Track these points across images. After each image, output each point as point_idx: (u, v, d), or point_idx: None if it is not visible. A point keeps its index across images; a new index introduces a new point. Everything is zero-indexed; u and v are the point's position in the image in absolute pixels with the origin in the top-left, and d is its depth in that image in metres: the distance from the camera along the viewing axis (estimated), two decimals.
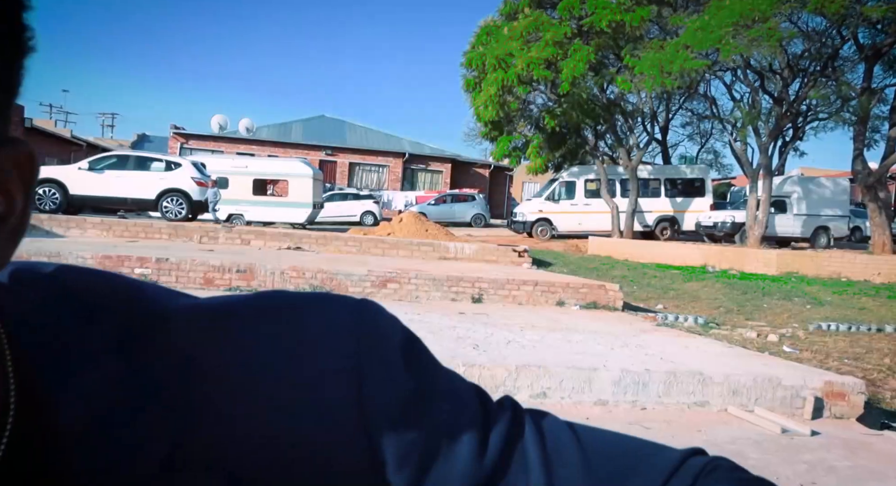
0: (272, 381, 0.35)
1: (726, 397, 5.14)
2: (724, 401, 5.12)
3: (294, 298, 0.39)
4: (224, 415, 0.34)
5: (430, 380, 0.39)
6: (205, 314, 0.37)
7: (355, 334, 0.37)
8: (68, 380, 0.33)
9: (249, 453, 0.34)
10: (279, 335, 0.37)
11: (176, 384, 0.35)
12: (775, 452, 4.12)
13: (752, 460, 3.90)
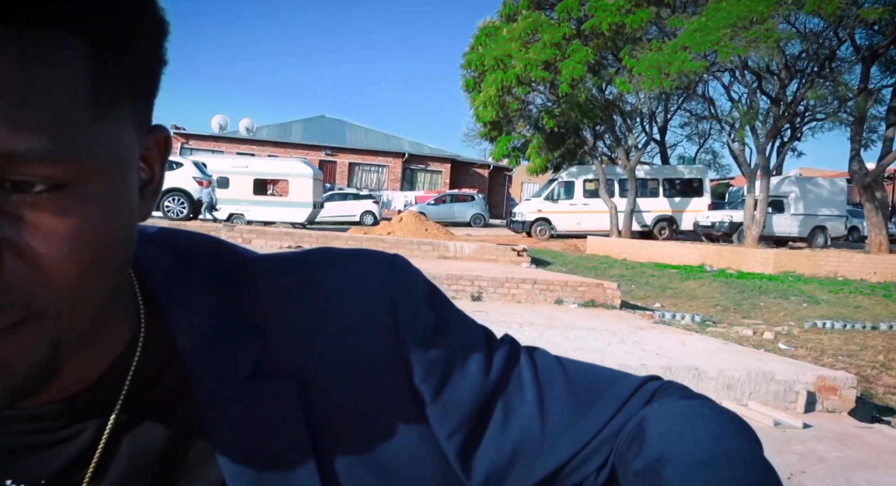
0: (329, 311, 0.46)
1: (721, 391, 5.25)
2: (719, 395, 5.23)
3: (343, 251, 0.50)
4: (293, 335, 0.45)
5: (447, 316, 0.49)
6: (276, 262, 0.48)
7: (390, 277, 0.48)
8: (179, 309, 0.44)
9: (313, 363, 0.44)
10: (333, 277, 0.48)
11: (256, 313, 0.45)
12: (767, 443, 4.20)
13: None
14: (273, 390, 0.43)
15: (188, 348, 0.43)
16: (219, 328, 0.44)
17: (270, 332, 0.45)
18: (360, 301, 0.46)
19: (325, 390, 0.44)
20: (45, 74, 0.30)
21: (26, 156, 0.30)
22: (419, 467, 0.45)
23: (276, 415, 0.42)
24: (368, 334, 0.46)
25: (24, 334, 0.32)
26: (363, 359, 0.45)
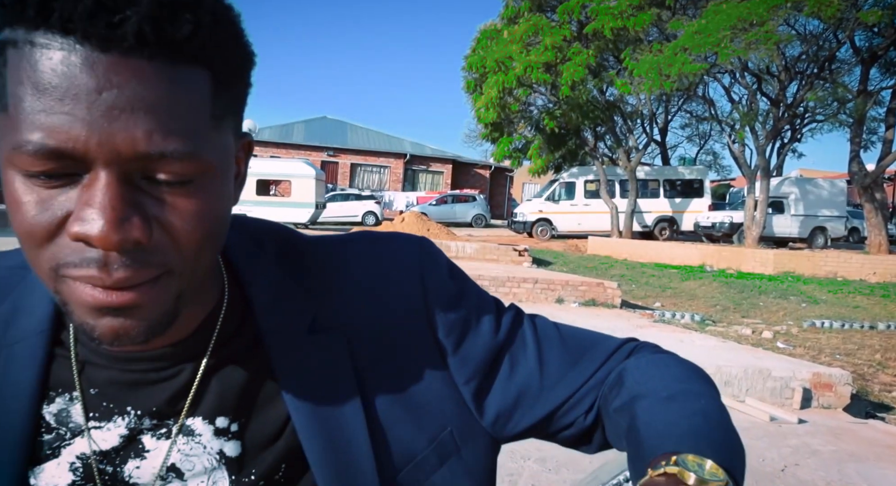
0: (370, 280, 0.58)
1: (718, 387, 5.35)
2: None
3: (379, 233, 0.61)
4: (342, 299, 0.56)
5: (464, 286, 0.61)
6: (326, 242, 0.59)
7: (419, 254, 0.60)
8: (254, 279, 0.55)
9: (358, 321, 0.56)
10: (373, 253, 0.60)
11: (312, 282, 0.57)
12: (763, 437, 4.32)
13: None
14: (326, 342, 0.54)
15: (261, 309, 0.54)
16: (283, 294, 0.55)
17: (323, 296, 0.56)
18: (395, 273, 0.58)
19: (368, 342, 0.55)
20: (185, 96, 0.41)
21: (172, 155, 0.40)
22: (441, 406, 0.56)
23: (329, 361, 0.54)
24: (402, 298, 0.57)
25: (160, 286, 0.43)
26: (397, 318, 0.56)
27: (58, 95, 0.38)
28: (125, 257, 0.41)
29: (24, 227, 0.41)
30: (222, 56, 0.43)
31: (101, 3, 0.38)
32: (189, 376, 0.52)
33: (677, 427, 0.47)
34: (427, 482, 0.54)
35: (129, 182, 0.41)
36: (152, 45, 0.39)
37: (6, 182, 0.42)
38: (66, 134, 0.39)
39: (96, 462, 0.51)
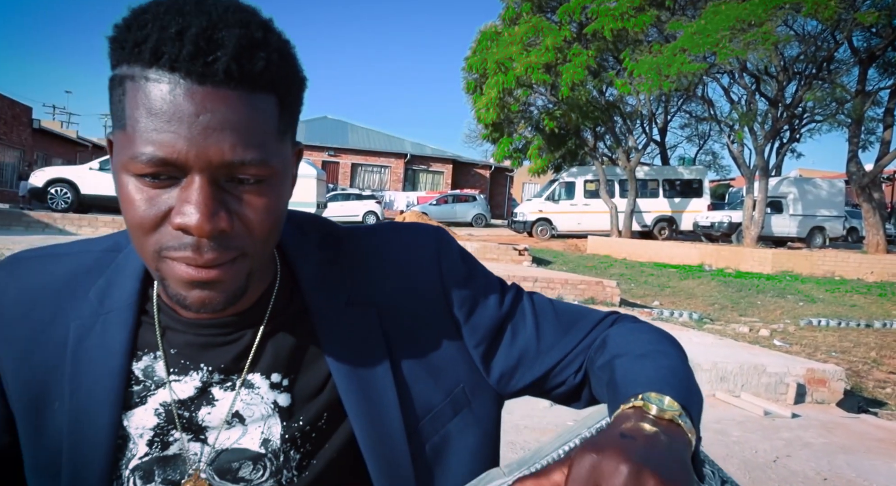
0: (395, 262, 0.69)
1: (714, 383, 5.46)
2: (713, 387, 5.44)
3: (403, 223, 0.73)
4: (372, 278, 0.68)
5: (473, 268, 0.72)
6: (357, 231, 0.71)
7: (436, 242, 0.71)
8: (300, 261, 0.67)
9: (386, 297, 0.67)
10: (397, 240, 0.71)
11: (347, 263, 0.68)
12: (756, 431, 4.43)
13: (734, 437, 4.22)
14: (361, 314, 0.66)
15: (306, 286, 0.66)
16: (324, 273, 0.67)
17: (357, 276, 0.68)
18: (416, 257, 0.69)
19: (395, 314, 0.67)
20: (260, 117, 0.53)
21: (249, 163, 0.52)
22: (455, 367, 0.68)
23: (363, 330, 0.65)
24: (422, 278, 0.69)
25: (237, 266, 0.55)
26: (419, 294, 0.68)
27: (166, 117, 0.50)
28: (213, 243, 0.53)
29: (136, 219, 0.52)
30: (285, 84, 0.55)
31: (198, 47, 0.49)
32: (250, 340, 0.64)
33: (646, 376, 0.58)
34: (443, 430, 0.66)
35: (216, 184, 0.52)
36: (236, 78, 0.51)
37: (121, 184, 0.53)
38: (172, 147, 0.50)
39: (176, 409, 0.63)
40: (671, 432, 0.49)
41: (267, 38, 0.52)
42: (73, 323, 0.63)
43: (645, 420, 0.50)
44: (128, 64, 0.51)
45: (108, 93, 0.55)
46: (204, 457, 0.63)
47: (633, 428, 0.49)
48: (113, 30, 0.53)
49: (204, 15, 0.50)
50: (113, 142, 0.56)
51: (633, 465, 0.43)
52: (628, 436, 0.47)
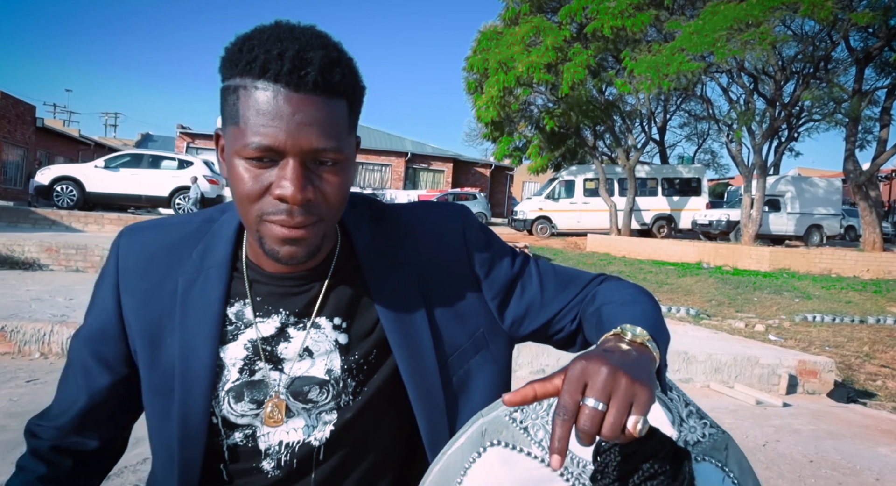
0: (430, 232, 0.86)
1: (709, 374, 5.63)
2: (707, 378, 5.62)
3: (435, 202, 0.90)
4: (411, 244, 0.85)
5: (491, 237, 0.89)
6: (400, 207, 0.88)
7: (461, 216, 0.88)
8: (355, 229, 0.84)
9: (422, 259, 0.85)
10: (431, 215, 0.89)
11: (391, 232, 0.85)
12: (748, 418, 4.61)
13: (726, 424, 4.39)
14: (402, 272, 0.83)
15: (360, 250, 0.83)
16: (374, 239, 0.84)
17: (400, 242, 0.85)
18: (445, 228, 0.87)
19: (429, 273, 0.84)
20: (336, 116, 0.70)
21: (329, 150, 0.70)
22: (476, 315, 0.86)
23: (404, 285, 0.83)
24: (451, 245, 0.86)
25: (316, 228, 0.72)
26: (448, 258, 0.86)
27: (270, 116, 0.67)
28: (301, 209, 0.70)
29: (244, 191, 0.70)
30: (353, 92, 0.72)
31: (294, 65, 0.67)
32: (317, 291, 0.81)
33: (625, 316, 0.75)
34: (466, 365, 0.83)
35: (304, 166, 0.70)
36: (321, 88, 0.68)
37: (232, 166, 0.71)
38: (274, 138, 0.68)
39: (260, 344, 0.80)
40: (641, 350, 0.67)
41: (340, 57, 0.70)
42: (181, 277, 0.81)
43: (622, 342, 0.67)
44: (240, 77, 0.69)
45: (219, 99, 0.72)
46: (281, 383, 0.80)
47: (612, 346, 0.66)
48: (225, 52, 0.71)
49: (296, 40, 0.68)
50: (222, 135, 0.74)
51: (611, 367, 0.60)
52: (608, 350, 0.64)
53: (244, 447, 0.80)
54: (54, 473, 0.84)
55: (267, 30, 0.70)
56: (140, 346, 0.81)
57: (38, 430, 0.86)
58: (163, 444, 0.81)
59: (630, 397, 0.59)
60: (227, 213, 0.85)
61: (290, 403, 0.80)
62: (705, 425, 0.84)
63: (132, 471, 2.90)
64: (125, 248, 0.84)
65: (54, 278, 7.91)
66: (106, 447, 0.88)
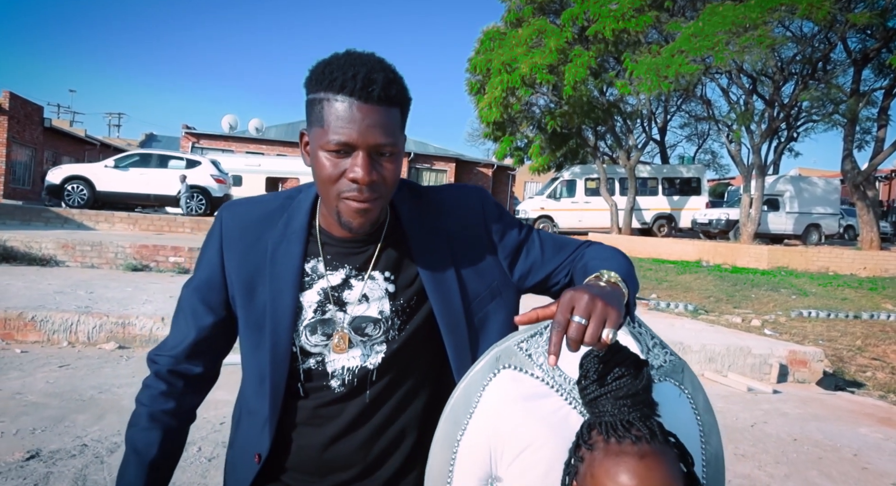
0: (456, 206, 1.11)
1: (703, 363, 5.88)
2: (702, 367, 5.87)
3: (460, 184, 1.16)
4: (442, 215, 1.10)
5: (503, 211, 1.14)
6: (433, 188, 1.14)
7: (479, 193, 1.14)
8: (401, 204, 1.09)
9: (451, 227, 1.09)
10: (456, 193, 1.13)
11: (427, 206, 1.11)
12: (738, 403, 4.86)
13: (718, 407, 4.64)
14: (436, 237, 1.09)
15: (404, 220, 1.08)
16: (414, 212, 1.09)
17: (434, 214, 1.10)
18: (468, 203, 1.12)
19: (456, 238, 1.10)
20: (393, 121, 0.95)
21: (388, 145, 0.94)
22: (493, 270, 1.11)
23: (438, 246, 1.08)
24: (472, 217, 1.11)
25: (378, 202, 0.98)
26: (470, 227, 1.11)
27: (346, 120, 0.93)
28: (368, 188, 0.95)
29: (326, 175, 0.95)
30: (404, 103, 0.98)
31: (364, 84, 0.92)
32: (372, 251, 1.07)
33: (604, 266, 1.00)
34: (485, 309, 1.09)
35: (370, 157, 0.95)
36: (383, 100, 0.94)
37: (316, 157, 0.96)
38: (350, 136, 0.93)
39: (330, 291, 1.06)
40: (614, 287, 0.92)
41: (395, 77, 0.96)
42: (270, 240, 1.06)
43: (599, 280, 0.93)
44: (324, 91, 0.94)
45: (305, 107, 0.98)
46: (345, 320, 1.06)
47: (593, 283, 0.92)
48: (310, 73, 0.96)
49: (364, 65, 0.93)
50: (306, 134, 0.99)
51: (591, 295, 0.85)
52: (590, 285, 0.90)
53: (316, 370, 1.06)
54: (171, 390, 1.10)
55: (342, 57, 0.95)
56: (238, 293, 1.07)
57: (157, 358, 1.12)
58: (255, 370, 1.07)
59: (604, 316, 0.84)
60: (303, 192, 1.10)
61: (352, 336, 1.05)
62: (666, 353, 1.10)
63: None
64: (227, 219, 1.09)
65: (72, 273, 8.17)
66: (205, 375, 1.14)
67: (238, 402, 1.15)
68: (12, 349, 4.83)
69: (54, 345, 5.05)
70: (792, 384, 5.73)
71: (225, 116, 29.95)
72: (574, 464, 0.93)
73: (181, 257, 9.31)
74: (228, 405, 1.43)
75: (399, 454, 1.10)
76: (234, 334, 1.12)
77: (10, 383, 3.97)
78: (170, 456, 1.09)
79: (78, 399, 3.74)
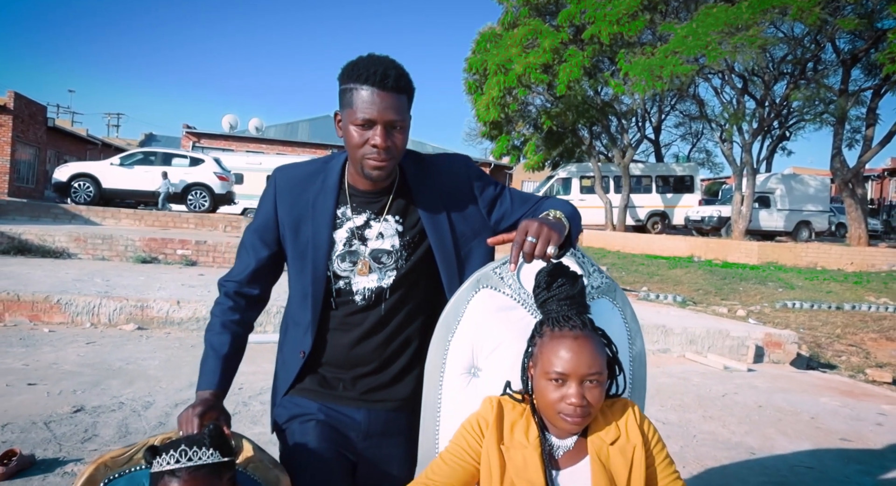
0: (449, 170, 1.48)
1: (684, 345, 6.27)
2: (683, 348, 6.25)
3: (451, 153, 1.54)
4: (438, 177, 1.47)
5: (482, 173, 1.51)
6: (431, 156, 1.51)
7: (466, 160, 1.50)
8: (406, 168, 1.46)
9: (444, 184, 1.46)
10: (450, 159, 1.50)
11: (426, 169, 1.47)
12: (714, 379, 5.24)
13: (694, 382, 5.02)
14: (432, 192, 1.46)
15: (409, 178, 1.45)
16: (417, 173, 1.47)
17: (430, 175, 1.48)
18: (457, 168, 1.49)
19: (448, 192, 1.47)
20: (403, 103, 1.32)
21: (399, 121, 1.30)
22: (475, 217, 1.47)
23: (434, 199, 1.45)
24: (460, 177, 1.48)
25: (391, 162, 1.34)
26: (459, 186, 1.48)
27: (369, 103, 1.30)
28: (385, 151, 1.32)
29: (354, 143, 1.33)
30: (409, 91, 1.35)
31: (382, 78, 1.30)
32: (386, 201, 1.43)
33: (553, 208, 1.38)
34: (469, 245, 1.45)
35: (386, 129, 1.32)
36: (396, 89, 1.31)
37: (347, 131, 1.34)
38: (371, 114, 1.30)
39: (355, 230, 1.43)
40: (558, 220, 1.30)
41: (404, 73, 1.33)
42: (311, 193, 1.44)
43: (548, 216, 1.32)
44: (353, 82, 1.31)
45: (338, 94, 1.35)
46: (366, 252, 1.43)
47: (542, 216, 1.30)
48: (343, 70, 1.34)
49: (382, 64, 1.31)
50: (340, 114, 1.37)
51: (539, 222, 1.23)
52: (541, 218, 1.29)
53: (344, 289, 1.43)
54: (235, 306, 1.47)
55: (366, 58, 1.33)
56: (287, 232, 1.44)
57: (225, 283, 1.49)
58: (299, 290, 1.45)
59: (549, 237, 1.23)
60: (335, 158, 1.48)
61: (371, 263, 1.43)
62: (603, 277, 1.49)
63: None
64: (279, 178, 1.47)
65: (85, 264, 8.54)
66: (260, 296, 1.51)
67: (285, 315, 1.53)
68: (40, 329, 5.20)
69: (78, 326, 5.43)
70: (767, 365, 6.11)
71: (225, 116, 30.32)
72: (530, 350, 1.31)
73: (188, 249, 9.67)
74: (242, 375, 1.80)
75: (406, 355, 1.48)
76: (281, 266, 1.50)
77: (45, 355, 4.35)
78: (236, 352, 1.47)
79: (108, 368, 4.11)
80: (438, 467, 1.29)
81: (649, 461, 1.28)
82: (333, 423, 1.44)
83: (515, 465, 1.25)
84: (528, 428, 1.28)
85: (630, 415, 1.30)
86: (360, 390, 1.46)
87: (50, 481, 2.42)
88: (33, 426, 2.97)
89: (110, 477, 1.30)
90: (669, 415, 3.96)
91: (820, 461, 3.29)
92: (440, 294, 1.47)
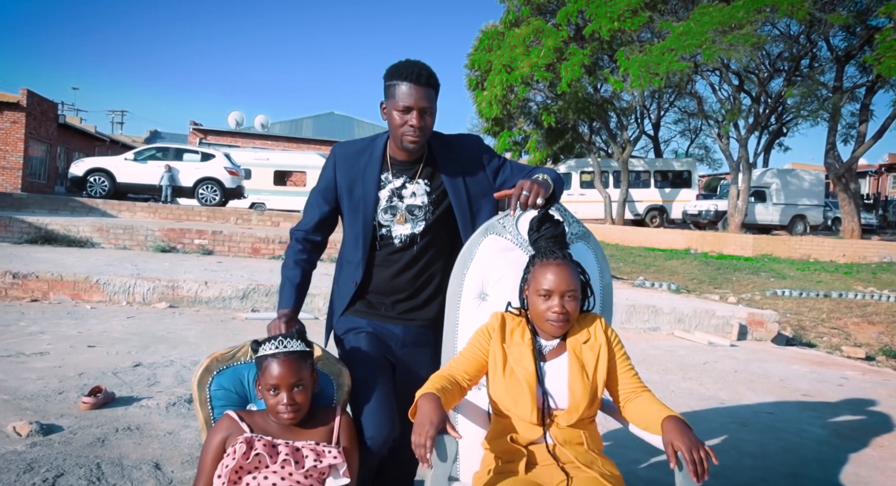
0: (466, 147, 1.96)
1: (673, 324, 6.75)
2: (671, 327, 6.73)
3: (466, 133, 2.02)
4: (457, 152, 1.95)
5: (490, 150, 1.98)
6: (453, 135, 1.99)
7: (478, 140, 1.98)
8: (433, 143, 1.93)
9: (462, 157, 1.94)
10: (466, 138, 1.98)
11: (449, 146, 1.95)
12: (697, 351, 5.72)
13: (680, 354, 5.50)
14: (453, 161, 1.93)
15: (436, 151, 1.93)
16: (441, 147, 1.95)
17: (452, 151, 1.96)
18: (471, 144, 1.98)
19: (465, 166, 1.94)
20: (432, 95, 1.79)
21: (429, 107, 1.78)
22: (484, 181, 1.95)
23: (455, 170, 1.93)
24: (474, 151, 1.96)
25: (423, 138, 1.82)
26: (473, 159, 1.96)
27: (408, 94, 1.77)
28: (419, 130, 1.80)
29: (396, 124, 1.81)
30: (436, 86, 1.82)
31: (418, 76, 1.78)
32: (418, 168, 1.90)
33: (541, 174, 1.86)
34: (480, 202, 1.93)
35: (420, 114, 1.80)
36: (426, 84, 1.78)
37: (391, 115, 1.81)
38: (409, 103, 1.77)
39: (395, 190, 1.91)
40: (546, 181, 1.79)
41: (433, 73, 1.80)
42: (362, 162, 1.92)
43: (538, 178, 1.80)
44: (396, 80, 1.79)
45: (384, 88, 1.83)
46: (403, 206, 1.91)
47: (534, 178, 1.79)
48: (387, 71, 1.82)
49: (417, 66, 1.78)
50: (385, 103, 1.85)
51: (530, 182, 1.70)
52: (532, 179, 1.77)
53: (386, 235, 1.91)
54: (304, 248, 1.96)
55: (404, 62, 1.80)
56: (343, 192, 1.93)
57: (295, 232, 1.98)
58: (352, 236, 1.93)
59: (538, 192, 1.71)
60: (379, 137, 1.95)
61: (406, 216, 1.91)
62: (580, 226, 1.97)
63: None
64: (339, 152, 1.96)
65: (111, 252, 9.04)
66: (322, 242, 2.00)
67: (340, 256, 2.02)
68: (83, 306, 5.70)
69: (115, 304, 5.92)
70: (750, 342, 6.58)
71: (231, 113, 30.80)
72: (526, 277, 1.79)
73: (205, 239, 10.17)
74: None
75: (432, 285, 1.97)
76: (336, 219, 2.00)
77: (94, 326, 4.84)
78: (305, 282, 1.95)
79: (153, 336, 4.61)
80: (457, 360, 1.77)
81: (611, 356, 1.76)
82: (378, 335, 1.93)
83: (514, 358, 1.74)
84: (523, 333, 1.77)
85: (598, 324, 1.78)
86: (398, 311, 1.95)
87: (131, 411, 2.92)
88: (104, 375, 3.47)
89: (220, 368, 1.79)
90: (653, 376, 4.45)
91: (780, 409, 3.78)
92: (458, 239, 1.96)
